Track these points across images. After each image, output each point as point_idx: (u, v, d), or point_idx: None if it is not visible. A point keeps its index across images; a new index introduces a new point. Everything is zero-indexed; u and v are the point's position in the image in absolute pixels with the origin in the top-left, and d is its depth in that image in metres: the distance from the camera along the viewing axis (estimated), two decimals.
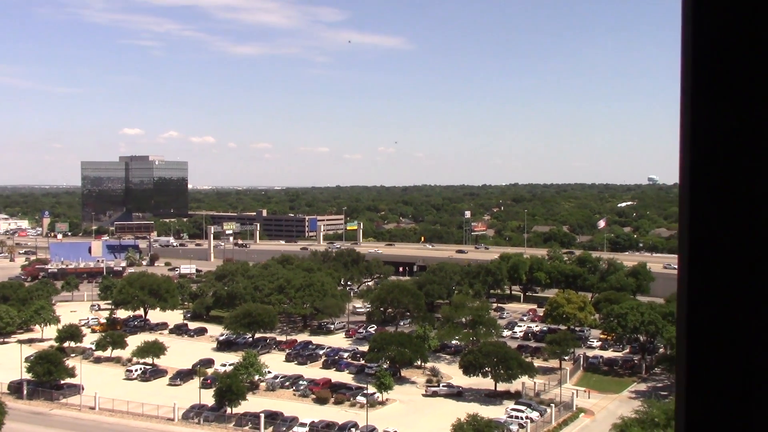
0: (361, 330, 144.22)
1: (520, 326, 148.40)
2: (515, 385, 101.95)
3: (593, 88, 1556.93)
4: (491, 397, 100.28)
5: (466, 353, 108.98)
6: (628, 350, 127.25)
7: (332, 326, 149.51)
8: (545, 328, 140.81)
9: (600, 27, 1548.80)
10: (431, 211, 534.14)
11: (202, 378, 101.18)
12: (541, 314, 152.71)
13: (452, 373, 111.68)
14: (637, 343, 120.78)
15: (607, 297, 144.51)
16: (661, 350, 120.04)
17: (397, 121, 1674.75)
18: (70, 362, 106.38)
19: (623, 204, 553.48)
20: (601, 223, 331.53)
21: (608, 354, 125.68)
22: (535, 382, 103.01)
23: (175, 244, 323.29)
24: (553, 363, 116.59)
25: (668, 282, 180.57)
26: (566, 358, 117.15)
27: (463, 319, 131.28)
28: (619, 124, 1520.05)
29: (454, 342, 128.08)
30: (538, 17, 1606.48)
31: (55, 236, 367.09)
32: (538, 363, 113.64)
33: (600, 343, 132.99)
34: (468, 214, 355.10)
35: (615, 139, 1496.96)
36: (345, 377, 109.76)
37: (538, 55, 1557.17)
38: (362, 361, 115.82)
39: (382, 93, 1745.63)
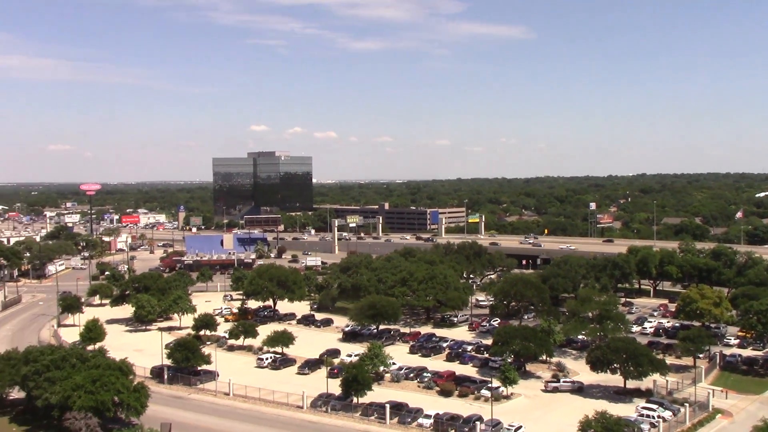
0: (484, 323, 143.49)
1: (651, 322, 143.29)
2: (646, 383, 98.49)
3: (725, 71, 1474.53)
4: (620, 395, 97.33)
5: (593, 349, 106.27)
6: None
7: (455, 319, 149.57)
8: (677, 324, 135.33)
9: (736, 7, 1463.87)
10: (554, 203, 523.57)
11: (329, 368, 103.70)
12: (673, 310, 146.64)
13: (578, 368, 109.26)
14: None
15: (746, 292, 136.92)
16: None
17: (519, 112, 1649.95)
18: (205, 349, 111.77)
19: (762, 194, 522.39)
20: (740, 214, 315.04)
21: (747, 352, 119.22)
22: (667, 381, 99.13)
23: (305, 237, 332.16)
24: (687, 361, 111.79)
25: None
26: (701, 356, 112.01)
27: (590, 314, 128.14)
28: (758, 108, 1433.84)
29: (580, 337, 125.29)
30: (663, 8, 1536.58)
31: (190, 230, 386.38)
32: (670, 360, 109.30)
33: (738, 340, 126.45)
34: (593, 205, 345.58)
35: (753, 125, 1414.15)
36: (469, 370, 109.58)
37: (666, 39, 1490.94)
38: (486, 355, 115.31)
39: (503, 84, 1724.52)
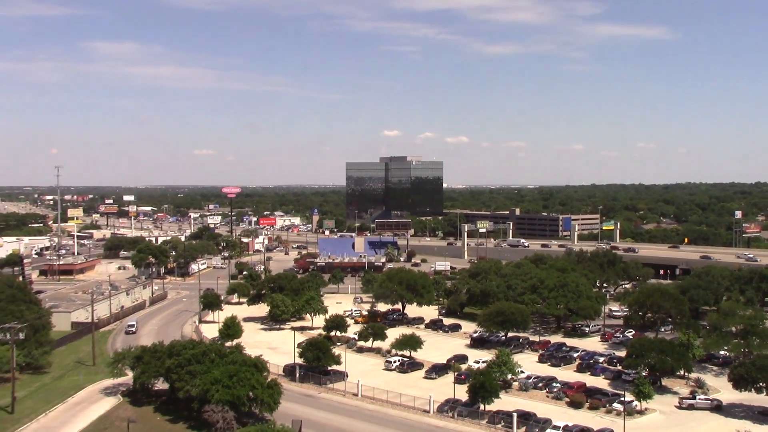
0: (617, 334, 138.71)
1: None
2: None
3: None
4: (766, 416, 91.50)
5: (736, 365, 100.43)
6: None
7: (587, 329, 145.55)
8: None
9: None
10: (696, 210, 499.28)
11: (456, 373, 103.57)
12: None
13: (720, 385, 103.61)
14: None
15: None
16: None
17: (657, 116, 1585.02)
18: (336, 350, 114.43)
19: None
20: None
21: None
22: None
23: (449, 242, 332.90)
24: None
25: None
26: None
27: (733, 329, 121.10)
28: None
29: (722, 353, 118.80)
30: None
31: (323, 232, 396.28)
32: None
33: None
34: (739, 214, 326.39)
35: None
36: (600, 382, 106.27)
37: None
38: (619, 367, 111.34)
39: (641, 87, 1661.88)
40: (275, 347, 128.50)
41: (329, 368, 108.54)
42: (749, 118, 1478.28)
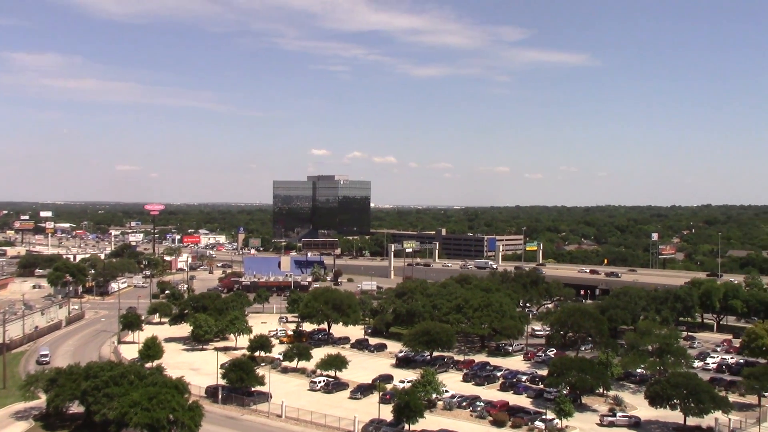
0: (540, 353, 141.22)
1: (713, 357, 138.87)
2: (707, 421, 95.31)
3: None
4: (679, 431, 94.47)
5: (652, 383, 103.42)
6: None
7: (510, 348, 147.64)
8: (742, 361, 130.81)
9: None
10: (615, 232, 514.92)
11: (381, 393, 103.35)
12: (737, 345, 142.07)
13: (637, 403, 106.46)
14: None
15: None
16: None
17: (579, 140, 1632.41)
18: (260, 371, 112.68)
19: None
20: None
21: None
22: (729, 419, 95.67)
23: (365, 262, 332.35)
24: (751, 399, 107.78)
25: None
26: (766, 394, 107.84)
27: (650, 347, 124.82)
28: None
29: (639, 370, 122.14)
30: (734, 29, 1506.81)
31: (249, 251, 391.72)
32: (733, 398, 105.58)
33: None
34: (655, 236, 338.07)
35: None
36: (523, 401, 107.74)
37: (733, 66, 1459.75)
38: (541, 386, 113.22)
39: (564, 111, 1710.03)
40: (197, 368, 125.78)
41: (253, 389, 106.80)
42: (665, 144, 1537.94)
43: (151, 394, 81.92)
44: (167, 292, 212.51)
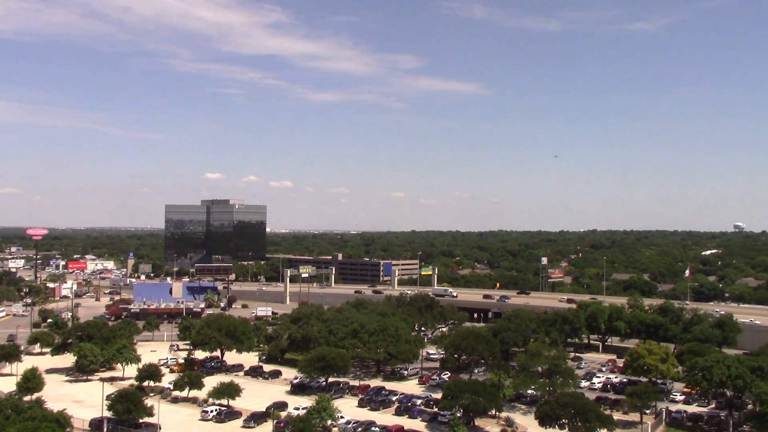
0: (434, 377, 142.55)
1: (599, 377, 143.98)
2: None
3: (674, 132, 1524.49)
4: None
5: (542, 404, 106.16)
6: (713, 405, 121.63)
7: (405, 372, 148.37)
8: (625, 380, 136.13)
9: (685, 75, 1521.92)
10: (507, 257, 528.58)
11: (275, 421, 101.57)
12: (621, 365, 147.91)
13: (527, 423, 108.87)
14: (724, 398, 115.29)
15: (691, 348, 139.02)
16: (750, 406, 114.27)
17: (472, 167, 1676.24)
18: (148, 401, 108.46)
19: (708, 252, 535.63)
20: (688, 272, 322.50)
21: (693, 409, 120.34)
22: None
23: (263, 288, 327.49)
24: (634, 416, 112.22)
25: (757, 334, 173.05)
26: (648, 411, 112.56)
27: (539, 368, 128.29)
28: (704, 171, 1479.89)
29: (529, 391, 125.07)
30: (619, 65, 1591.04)
31: (139, 277, 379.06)
32: (617, 416, 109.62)
33: (684, 397, 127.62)
34: (545, 260, 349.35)
35: (699, 186, 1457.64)
36: (417, 424, 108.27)
37: (617, 101, 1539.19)
38: (435, 409, 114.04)
39: (459, 138, 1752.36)
40: (81, 400, 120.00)
41: (141, 421, 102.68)
42: (553, 172, 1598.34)
43: (30, 429, 77.80)
44: (49, 320, 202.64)
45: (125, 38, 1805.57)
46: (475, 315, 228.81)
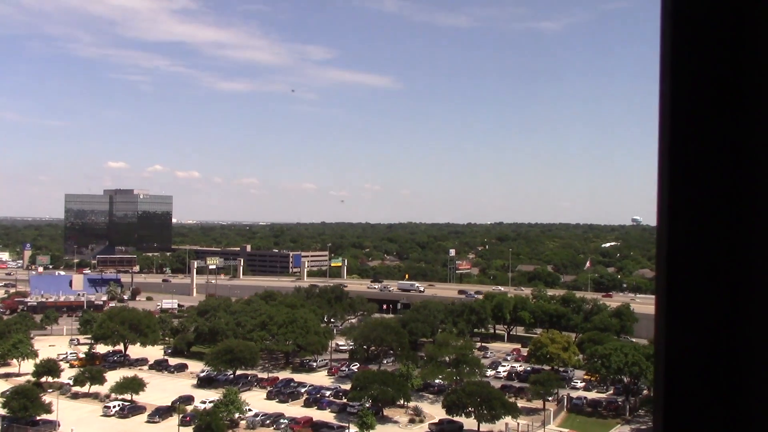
0: (343, 368, 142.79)
1: (504, 366, 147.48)
2: (498, 426, 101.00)
3: (577, 128, 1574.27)
4: None
5: (449, 393, 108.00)
6: (612, 391, 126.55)
7: (315, 364, 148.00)
8: (529, 368, 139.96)
9: (585, 69, 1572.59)
10: (416, 248, 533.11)
11: (181, 415, 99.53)
12: (525, 354, 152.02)
13: (435, 412, 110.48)
14: (621, 384, 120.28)
15: (591, 337, 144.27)
16: (645, 392, 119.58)
17: (382, 160, 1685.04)
18: (46, 398, 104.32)
19: (607, 244, 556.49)
20: (588, 263, 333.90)
21: (592, 395, 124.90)
22: (518, 423, 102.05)
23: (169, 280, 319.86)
24: (537, 404, 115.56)
25: (652, 323, 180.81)
26: (550, 398, 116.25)
27: (447, 358, 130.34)
28: (603, 166, 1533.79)
29: (437, 381, 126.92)
30: (523, 60, 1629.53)
31: (36, 269, 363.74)
32: (521, 403, 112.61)
33: (584, 383, 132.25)
34: (452, 252, 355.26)
35: (599, 180, 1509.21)
36: (327, 416, 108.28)
37: (522, 96, 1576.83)
38: (344, 400, 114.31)
39: (368, 131, 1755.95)
40: None
41: (38, 418, 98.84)
42: (461, 166, 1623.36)
43: None
44: None
45: (22, 19, 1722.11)
46: (384, 306, 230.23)
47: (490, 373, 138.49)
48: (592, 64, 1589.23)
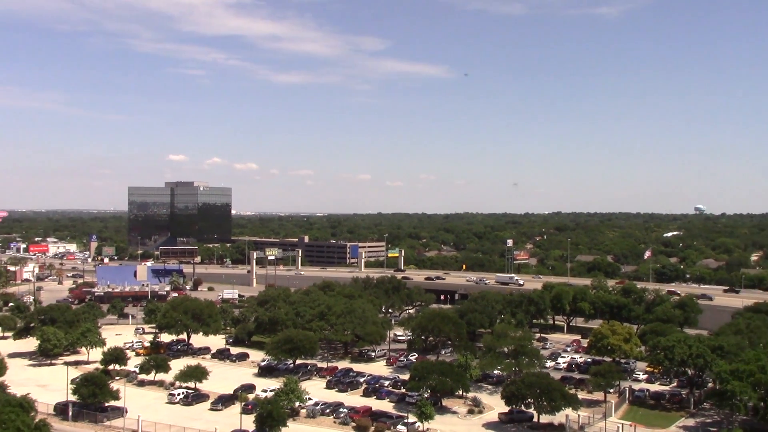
0: (401, 358, 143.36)
1: (564, 357, 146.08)
2: (558, 418, 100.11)
3: (638, 117, 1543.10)
4: (534, 430, 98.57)
5: (508, 383, 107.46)
6: (675, 384, 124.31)
7: (373, 354, 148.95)
8: (589, 360, 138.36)
9: (646, 57, 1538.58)
10: (473, 239, 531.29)
11: (243, 403, 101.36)
12: (585, 345, 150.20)
13: (494, 403, 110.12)
14: (685, 376, 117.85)
15: (654, 329, 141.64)
16: (710, 384, 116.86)
17: (438, 149, 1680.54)
18: (114, 385, 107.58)
19: (669, 234, 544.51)
20: (647, 254, 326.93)
21: (655, 387, 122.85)
22: (579, 415, 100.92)
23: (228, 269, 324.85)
24: (598, 396, 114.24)
25: (716, 314, 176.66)
26: (611, 390, 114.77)
27: (506, 349, 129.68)
28: (666, 154, 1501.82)
29: (496, 372, 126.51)
30: (583, 47, 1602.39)
31: (102, 260, 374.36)
32: (582, 395, 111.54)
33: (646, 376, 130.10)
34: (510, 242, 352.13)
35: (661, 169, 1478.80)
36: (385, 405, 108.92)
37: (583, 84, 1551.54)
38: (403, 390, 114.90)
39: (424, 120, 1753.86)
40: (45, 384, 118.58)
41: (107, 404, 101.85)
42: (518, 154, 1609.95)
43: None
44: (11, 304, 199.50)
45: (84, 17, 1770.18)
46: (442, 297, 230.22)
47: (549, 364, 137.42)
48: (653, 51, 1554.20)
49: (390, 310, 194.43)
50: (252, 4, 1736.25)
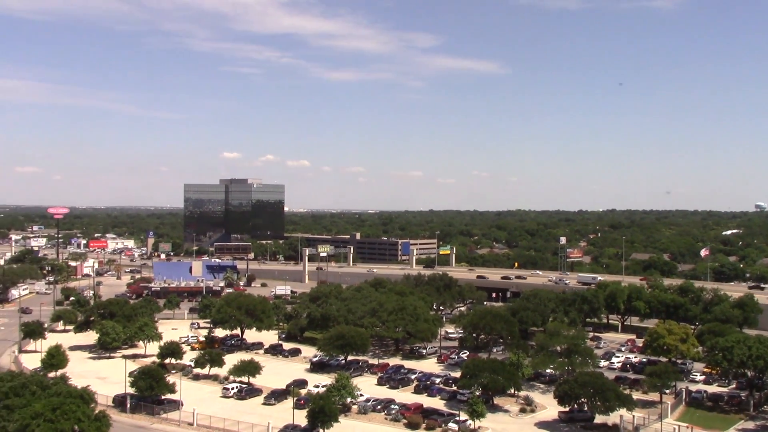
0: (453, 355, 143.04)
1: (618, 357, 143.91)
2: (612, 418, 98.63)
3: (697, 112, 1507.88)
4: (588, 430, 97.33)
5: (561, 383, 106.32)
6: (734, 385, 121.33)
7: (424, 351, 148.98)
8: (645, 360, 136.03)
9: (703, 51, 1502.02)
10: (525, 236, 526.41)
11: (295, 398, 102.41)
12: (640, 345, 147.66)
13: (546, 402, 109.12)
14: (744, 378, 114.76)
15: (712, 329, 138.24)
16: None
17: (490, 146, 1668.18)
18: (170, 378, 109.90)
19: (728, 232, 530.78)
20: (704, 252, 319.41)
21: (713, 389, 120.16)
22: (633, 416, 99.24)
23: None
24: (653, 396, 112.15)
25: None
26: (667, 391, 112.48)
27: (558, 348, 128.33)
28: (725, 150, 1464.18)
29: (548, 371, 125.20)
30: (638, 41, 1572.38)
31: (159, 256, 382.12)
32: (636, 396, 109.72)
33: (704, 377, 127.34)
34: (563, 240, 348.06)
35: (719, 165, 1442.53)
36: (437, 403, 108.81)
37: (636, 78, 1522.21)
38: (454, 387, 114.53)
39: (475, 117, 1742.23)
40: (104, 377, 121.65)
41: (163, 397, 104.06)
42: (572, 151, 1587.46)
43: (55, 404, 78.64)
44: (72, 298, 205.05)
45: (142, 17, 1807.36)
46: (494, 294, 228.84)
47: (603, 363, 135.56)
48: (709, 45, 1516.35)
49: (441, 308, 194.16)
50: (305, 2, 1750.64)
